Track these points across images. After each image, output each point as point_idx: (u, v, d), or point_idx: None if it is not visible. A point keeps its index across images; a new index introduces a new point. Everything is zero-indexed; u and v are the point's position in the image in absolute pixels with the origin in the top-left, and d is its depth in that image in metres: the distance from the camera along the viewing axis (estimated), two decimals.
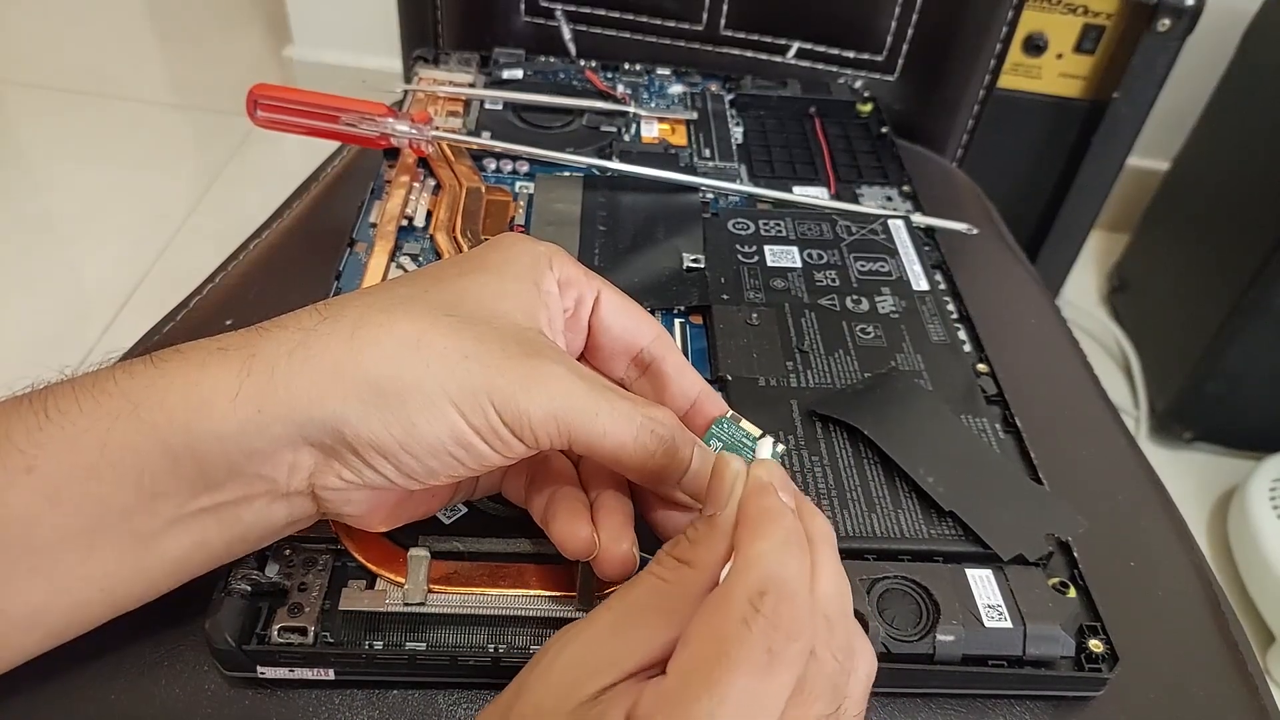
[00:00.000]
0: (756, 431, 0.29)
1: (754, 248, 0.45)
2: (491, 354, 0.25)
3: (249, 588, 0.28)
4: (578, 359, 0.32)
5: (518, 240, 0.30)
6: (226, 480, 0.25)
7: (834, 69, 0.62)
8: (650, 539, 0.29)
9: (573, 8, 0.61)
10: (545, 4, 0.61)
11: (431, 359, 0.25)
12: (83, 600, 0.25)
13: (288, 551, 0.29)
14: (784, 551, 0.22)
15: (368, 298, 0.27)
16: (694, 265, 0.43)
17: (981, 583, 0.30)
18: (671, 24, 0.61)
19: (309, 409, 0.24)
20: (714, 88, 0.58)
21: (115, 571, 0.25)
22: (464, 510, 0.32)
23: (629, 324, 0.31)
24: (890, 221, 0.47)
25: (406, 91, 0.53)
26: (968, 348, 0.40)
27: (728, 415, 0.29)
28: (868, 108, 0.58)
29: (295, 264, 0.47)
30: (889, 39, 0.61)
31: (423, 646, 0.28)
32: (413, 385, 0.25)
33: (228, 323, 0.42)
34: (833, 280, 0.43)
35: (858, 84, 0.61)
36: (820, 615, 0.22)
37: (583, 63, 0.59)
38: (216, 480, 0.25)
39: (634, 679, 0.22)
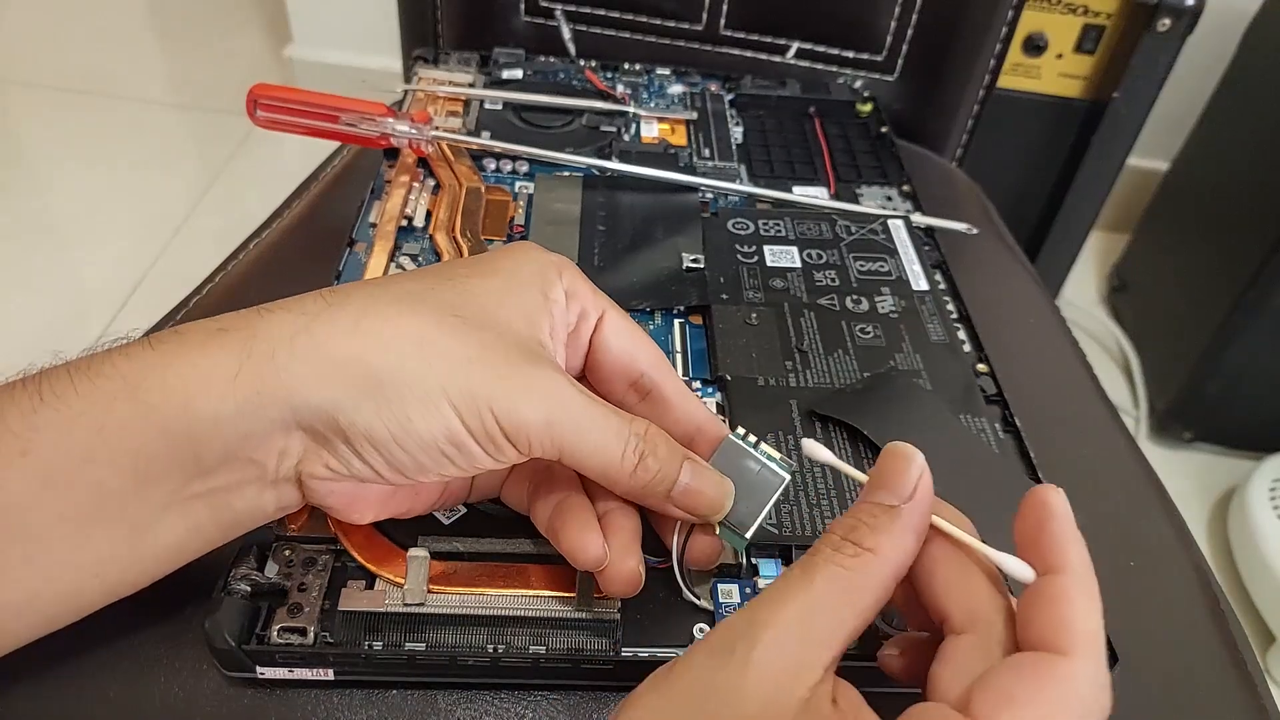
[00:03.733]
0: (774, 454, 0.28)
1: (753, 248, 0.45)
2: (495, 359, 0.26)
3: (248, 588, 0.28)
4: (576, 377, 0.32)
5: (529, 248, 0.30)
6: (220, 465, 0.25)
7: (834, 69, 0.62)
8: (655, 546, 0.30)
9: (572, 8, 0.61)
10: (545, 4, 0.61)
11: (434, 358, 0.25)
12: (77, 587, 0.25)
13: (287, 551, 0.29)
14: (1103, 631, 0.22)
15: (374, 289, 0.27)
16: (693, 265, 0.43)
17: None
18: (671, 24, 0.61)
19: (307, 394, 0.24)
20: (714, 88, 0.58)
21: (110, 557, 0.25)
22: (463, 510, 0.32)
23: (629, 347, 0.31)
24: (890, 221, 0.47)
25: (406, 91, 0.53)
26: (967, 348, 0.40)
27: (737, 432, 0.29)
28: (867, 108, 0.58)
29: (295, 264, 0.47)
30: (889, 39, 0.61)
31: (422, 647, 0.28)
32: (413, 380, 0.25)
33: None
34: (832, 280, 0.43)
35: (857, 84, 0.61)
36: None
37: (582, 63, 0.59)
38: (210, 464, 0.25)
39: (829, 671, 0.22)
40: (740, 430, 0.29)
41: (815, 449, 0.26)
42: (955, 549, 0.24)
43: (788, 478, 0.28)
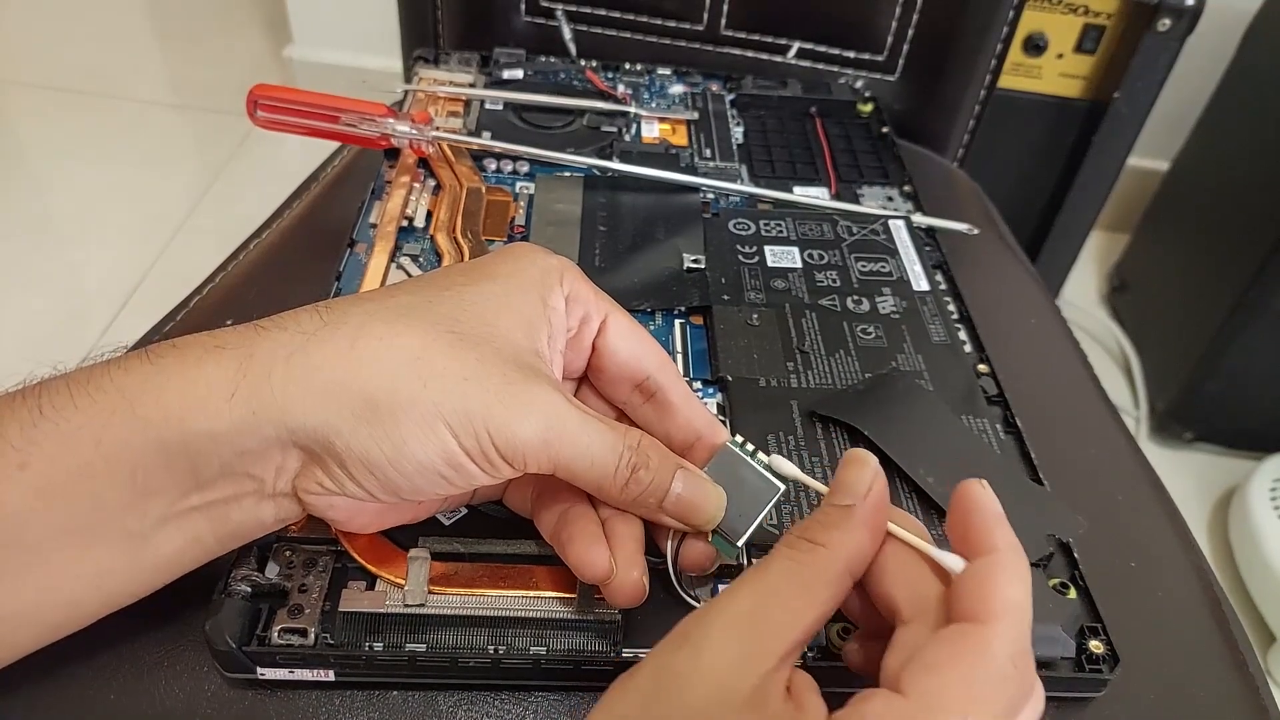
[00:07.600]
0: (765, 457, 0.29)
1: (754, 248, 0.45)
2: (491, 377, 0.25)
3: (249, 589, 0.28)
4: (579, 380, 0.32)
5: (530, 251, 0.30)
6: (217, 478, 0.25)
7: (834, 69, 0.62)
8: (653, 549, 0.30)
9: (573, 8, 0.61)
10: (545, 4, 0.61)
11: (429, 378, 0.25)
12: (77, 598, 0.25)
13: (288, 553, 0.29)
14: (1029, 603, 0.22)
15: (370, 304, 0.27)
16: (694, 265, 0.43)
17: None
18: (672, 24, 0.61)
19: (302, 415, 0.24)
20: (714, 88, 0.58)
21: (109, 569, 0.25)
22: (464, 511, 0.32)
23: (635, 350, 0.30)
24: (891, 222, 0.47)
25: (407, 92, 0.53)
26: (968, 348, 0.40)
27: (735, 440, 0.29)
28: (868, 108, 0.58)
29: (295, 264, 0.47)
30: (889, 39, 0.61)
31: (423, 648, 0.28)
32: (407, 403, 0.25)
33: (228, 322, 0.41)
34: (833, 280, 0.43)
35: (858, 84, 0.61)
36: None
37: (583, 63, 0.59)
38: (207, 478, 0.25)
39: (785, 661, 0.22)
40: (738, 438, 0.29)
41: (782, 464, 0.28)
42: (906, 549, 0.24)
43: (782, 487, 0.28)
